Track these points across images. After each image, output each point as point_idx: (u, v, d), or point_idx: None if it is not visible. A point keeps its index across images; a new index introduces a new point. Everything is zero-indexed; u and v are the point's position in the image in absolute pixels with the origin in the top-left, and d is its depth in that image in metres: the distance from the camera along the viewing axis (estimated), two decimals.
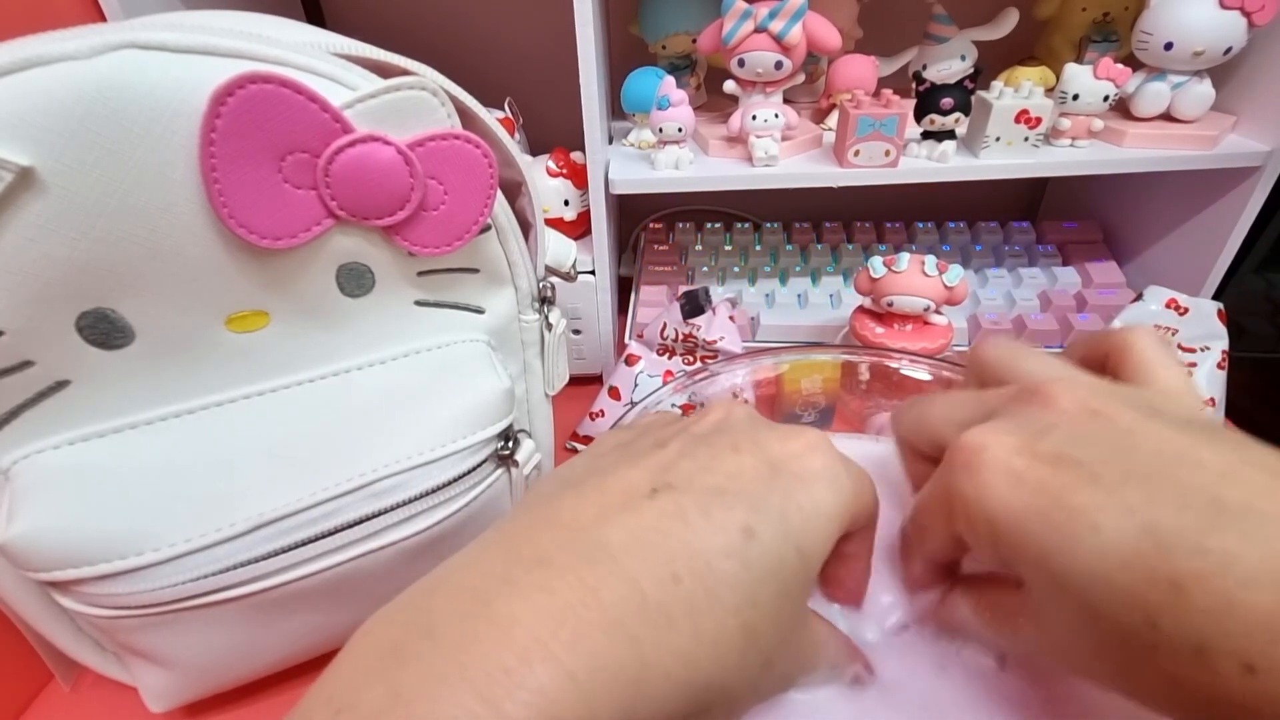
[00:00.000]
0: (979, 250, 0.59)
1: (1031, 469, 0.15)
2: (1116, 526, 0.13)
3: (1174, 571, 0.13)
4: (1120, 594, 0.13)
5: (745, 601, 0.14)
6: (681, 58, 0.54)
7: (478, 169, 0.26)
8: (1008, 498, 0.15)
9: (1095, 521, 0.14)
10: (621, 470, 0.16)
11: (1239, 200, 0.46)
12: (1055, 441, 0.15)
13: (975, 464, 0.16)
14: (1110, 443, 0.15)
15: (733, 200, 0.67)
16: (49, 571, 0.23)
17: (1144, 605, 0.13)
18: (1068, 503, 0.14)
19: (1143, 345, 0.18)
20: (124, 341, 0.24)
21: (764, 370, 0.31)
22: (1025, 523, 0.15)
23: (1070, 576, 0.14)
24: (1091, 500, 0.14)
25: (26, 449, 0.24)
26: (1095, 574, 0.14)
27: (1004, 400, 0.17)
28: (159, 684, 0.29)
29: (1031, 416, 0.16)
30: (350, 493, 0.27)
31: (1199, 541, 0.13)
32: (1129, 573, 0.13)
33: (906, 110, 0.43)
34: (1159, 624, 0.13)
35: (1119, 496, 0.14)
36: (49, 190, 0.20)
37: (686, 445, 0.17)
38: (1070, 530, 0.14)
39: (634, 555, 0.14)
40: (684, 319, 0.46)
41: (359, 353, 0.29)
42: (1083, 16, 0.52)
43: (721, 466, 0.16)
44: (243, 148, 0.22)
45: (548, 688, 0.12)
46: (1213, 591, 0.12)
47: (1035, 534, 0.14)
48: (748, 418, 0.19)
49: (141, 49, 0.20)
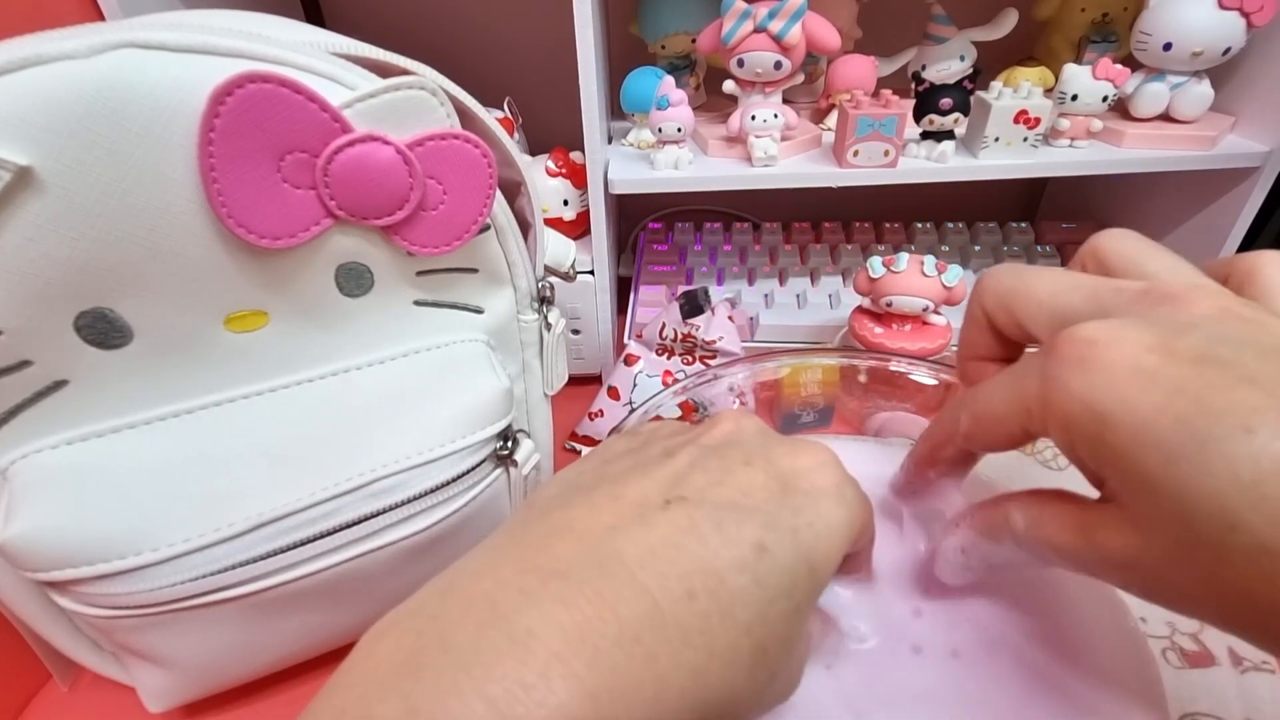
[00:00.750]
0: (978, 250, 0.59)
1: (1168, 367, 0.13)
2: (1275, 429, 0.12)
3: None
4: (1267, 504, 0.12)
5: (757, 619, 0.14)
6: (681, 58, 0.54)
7: (477, 169, 0.26)
8: (1134, 398, 0.13)
9: (1249, 423, 0.12)
10: (633, 479, 0.16)
11: (1238, 200, 0.46)
12: (1198, 339, 0.14)
13: (1093, 359, 0.14)
14: (1264, 345, 0.14)
15: (732, 200, 0.67)
16: (47, 571, 0.23)
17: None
18: (1214, 403, 0.13)
19: (1273, 269, 0.17)
20: (123, 341, 0.24)
21: (764, 373, 0.31)
22: (1152, 425, 0.13)
23: (1202, 485, 0.13)
24: (1246, 400, 0.13)
25: (25, 449, 0.24)
26: (1239, 481, 0.12)
27: (1128, 298, 0.16)
28: (157, 684, 0.29)
29: (1165, 316, 0.15)
30: (349, 492, 0.27)
31: None
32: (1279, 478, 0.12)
33: (906, 110, 0.43)
34: None
35: (1278, 397, 0.12)
36: (48, 190, 0.20)
37: (698, 457, 0.17)
38: (1216, 433, 0.13)
39: (649, 569, 0.14)
40: (683, 319, 0.46)
41: (358, 352, 0.29)
42: (1082, 17, 0.52)
43: (734, 480, 0.16)
44: (242, 147, 0.22)
45: (568, 706, 0.12)
46: None
47: (1164, 437, 0.13)
48: (757, 431, 0.19)
49: (140, 48, 0.20)
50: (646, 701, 0.13)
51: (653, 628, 0.13)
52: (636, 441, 0.19)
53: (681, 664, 0.13)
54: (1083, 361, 0.14)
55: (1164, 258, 0.18)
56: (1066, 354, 0.15)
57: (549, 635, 0.12)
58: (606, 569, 0.14)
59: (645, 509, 0.15)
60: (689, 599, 0.14)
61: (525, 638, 0.12)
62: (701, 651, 0.13)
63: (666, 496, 0.15)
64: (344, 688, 0.13)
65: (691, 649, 0.13)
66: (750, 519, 0.15)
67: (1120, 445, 0.14)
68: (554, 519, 0.15)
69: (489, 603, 0.13)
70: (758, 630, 0.14)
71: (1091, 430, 0.14)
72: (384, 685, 0.12)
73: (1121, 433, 0.14)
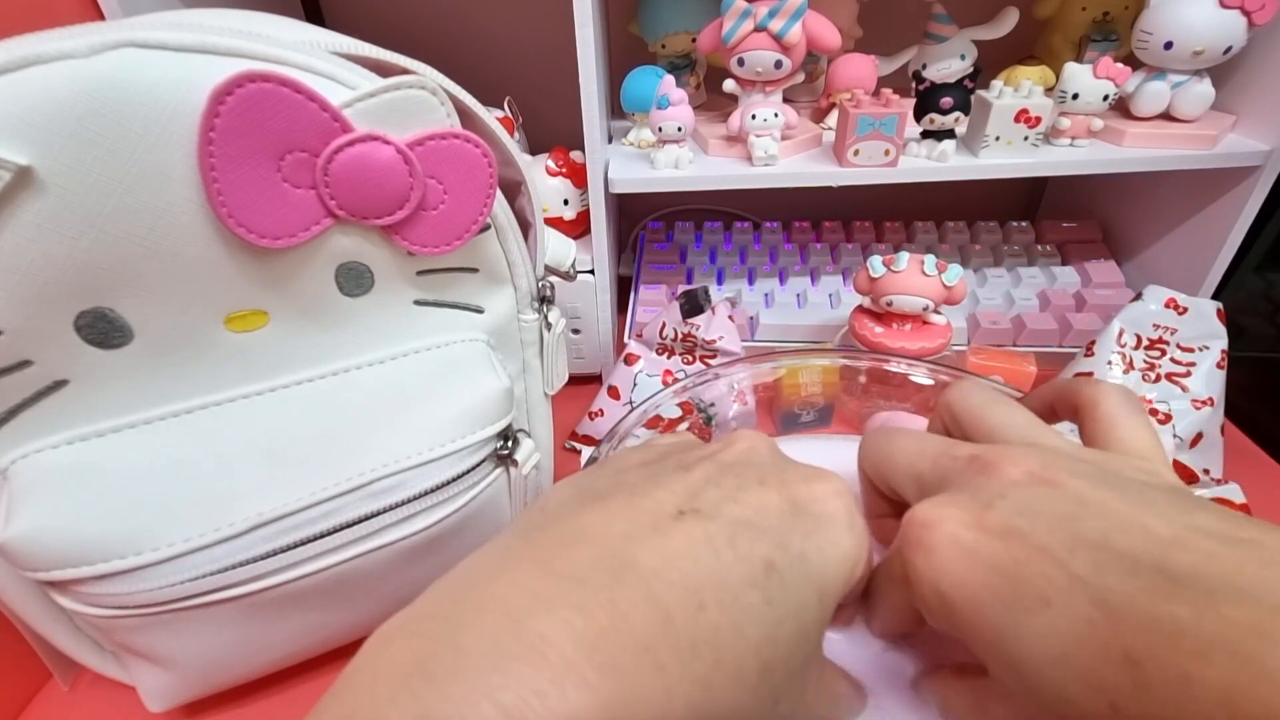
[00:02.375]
0: (978, 250, 0.59)
1: (981, 543, 0.14)
2: (1067, 598, 0.13)
3: (1127, 645, 0.12)
4: (1077, 674, 0.13)
5: (765, 639, 0.14)
6: (681, 57, 0.54)
7: (477, 168, 0.26)
8: (962, 576, 0.15)
9: (1046, 594, 0.13)
10: (648, 489, 0.16)
11: (1238, 200, 0.46)
12: (1003, 512, 0.15)
13: (927, 541, 0.15)
14: (1059, 512, 0.14)
15: (732, 199, 0.67)
16: (47, 571, 0.23)
17: (1102, 686, 0.12)
18: (1017, 575, 0.14)
19: (1110, 404, 0.18)
20: (123, 341, 0.24)
21: (764, 373, 0.31)
22: (979, 600, 0.14)
23: (1027, 657, 0.13)
24: (1041, 571, 0.13)
25: (25, 449, 0.24)
26: (1050, 653, 0.13)
27: (958, 466, 0.17)
28: (158, 684, 0.29)
29: (981, 486, 0.16)
30: (349, 492, 0.27)
31: (1149, 610, 0.12)
32: (1084, 648, 0.13)
33: (906, 109, 0.43)
34: (1120, 707, 0.12)
35: (1067, 567, 0.13)
36: (48, 189, 0.20)
37: (713, 472, 0.17)
38: (1022, 606, 0.13)
39: (663, 579, 0.14)
40: (683, 318, 0.46)
41: (358, 352, 0.29)
42: (1082, 16, 0.52)
43: (748, 499, 0.16)
44: (242, 147, 0.22)
45: (580, 715, 0.12)
46: (1167, 666, 0.12)
47: (988, 612, 0.14)
48: (772, 453, 0.19)
49: (140, 48, 0.20)
50: (654, 712, 0.12)
51: (663, 638, 0.13)
52: (651, 454, 0.19)
53: (689, 676, 0.13)
54: (920, 544, 0.15)
55: (1002, 412, 0.19)
56: (909, 538, 0.16)
57: (563, 642, 0.12)
58: (622, 577, 0.14)
59: (660, 519, 0.15)
60: (700, 611, 0.14)
61: (540, 644, 0.12)
62: (710, 664, 0.13)
63: (681, 508, 0.15)
64: (354, 689, 0.13)
65: (700, 661, 0.13)
66: (762, 538, 0.15)
67: (962, 621, 0.15)
68: (569, 524, 0.15)
69: (503, 606, 0.13)
70: (765, 650, 0.14)
71: (940, 608, 0.15)
72: (395, 688, 0.12)
73: (959, 609, 0.15)
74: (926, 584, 0.15)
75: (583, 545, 0.14)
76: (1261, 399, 0.58)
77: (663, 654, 0.13)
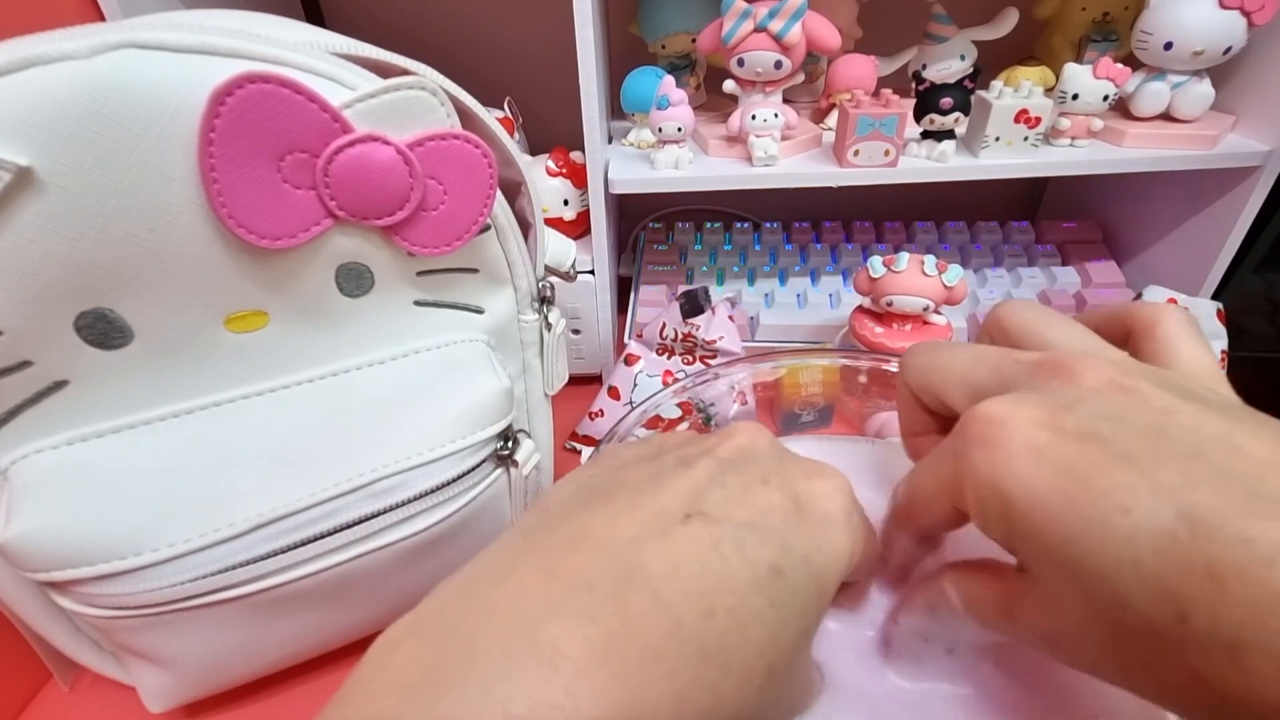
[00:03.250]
0: (978, 250, 0.59)
1: (1056, 445, 0.14)
2: (1150, 509, 0.12)
3: (1211, 560, 0.12)
4: (1149, 583, 0.12)
5: (770, 642, 0.14)
6: (681, 57, 0.54)
7: (477, 169, 0.26)
8: (1029, 476, 0.14)
9: (1126, 503, 0.13)
10: (651, 489, 0.16)
11: (1238, 200, 0.46)
12: (1083, 417, 0.14)
13: (993, 438, 0.15)
14: (1143, 421, 0.14)
15: (732, 200, 0.67)
16: (47, 572, 0.23)
17: (1175, 596, 0.12)
18: (1096, 483, 0.13)
19: (1170, 324, 0.17)
20: (123, 341, 0.24)
21: (764, 373, 0.31)
22: (1046, 504, 0.14)
23: (1093, 562, 0.13)
24: (1122, 480, 0.13)
25: (25, 449, 0.24)
26: (1122, 560, 0.13)
27: (1025, 370, 0.16)
28: (158, 684, 0.29)
29: (1056, 390, 0.15)
30: (349, 493, 0.27)
31: (1240, 529, 0.12)
32: (1160, 559, 0.12)
33: (906, 110, 0.43)
34: (1190, 617, 0.12)
35: (1152, 477, 0.13)
36: (48, 190, 0.20)
37: (715, 471, 0.17)
38: (1097, 512, 0.13)
39: (673, 584, 0.14)
40: (683, 319, 0.46)
41: (358, 353, 0.29)
42: (1082, 16, 0.52)
43: (753, 500, 0.16)
44: (242, 147, 0.22)
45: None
46: (1253, 583, 0.11)
47: (1057, 516, 0.13)
48: (771, 447, 0.19)
49: (140, 48, 0.20)
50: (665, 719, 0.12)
51: (674, 645, 0.13)
52: (648, 449, 0.19)
53: (699, 682, 0.13)
54: (984, 440, 0.15)
55: (1061, 326, 0.18)
56: (970, 433, 0.15)
57: (575, 651, 0.12)
58: (630, 582, 0.14)
59: (666, 522, 0.15)
60: (708, 617, 0.13)
61: (551, 653, 0.12)
62: (718, 670, 0.13)
63: (687, 510, 0.15)
64: (361, 696, 0.12)
65: (709, 667, 0.13)
66: (767, 540, 0.15)
67: (1022, 522, 0.14)
68: (573, 525, 0.15)
69: (512, 612, 0.13)
70: (770, 653, 0.14)
71: (998, 507, 0.15)
72: (404, 697, 0.12)
73: (1022, 510, 0.14)
74: (985, 481, 0.15)
75: (588, 548, 0.14)
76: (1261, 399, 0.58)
77: (673, 661, 0.13)
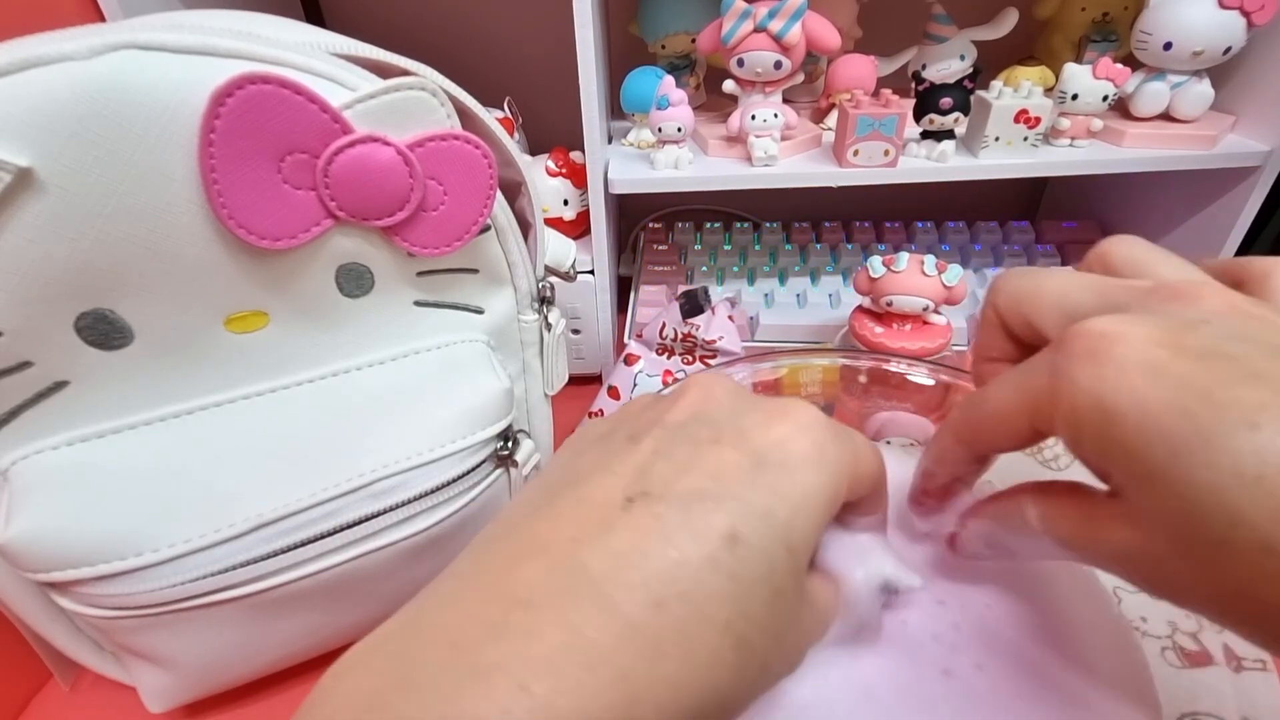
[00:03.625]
0: (978, 250, 0.59)
1: (1176, 362, 0.13)
2: None
3: None
4: (1269, 498, 0.12)
5: (736, 614, 0.14)
6: (681, 57, 0.54)
7: (477, 169, 0.26)
8: (1142, 392, 0.13)
9: (1255, 419, 0.12)
10: (597, 476, 0.16)
11: (1238, 200, 0.46)
12: (1207, 335, 0.14)
13: (1102, 352, 0.14)
14: (1272, 343, 0.14)
15: (732, 200, 0.67)
16: (47, 572, 0.23)
17: None
18: (1220, 398, 0.13)
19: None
20: (123, 342, 0.24)
21: (763, 373, 0.31)
22: (1159, 420, 0.13)
23: (1205, 479, 0.13)
24: (1251, 397, 0.13)
25: (25, 449, 0.24)
26: (1244, 477, 0.12)
27: (1137, 295, 0.16)
28: (158, 684, 0.29)
29: (1175, 312, 0.15)
30: (349, 493, 0.27)
31: None
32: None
33: (906, 110, 0.43)
34: None
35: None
36: (48, 191, 0.20)
37: (663, 441, 0.16)
38: (1221, 427, 0.13)
39: (616, 581, 0.13)
40: (683, 319, 0.46)
41: (358, 353, 0.29)
42: (1082, 16, 0.52)
43: (702, 465, 0.15)
44: (242, 148, 0.22)
45: None
46: None
47: (1169, 431, 0.13)
48: (729, 396, 0.18)
49: (141, 49, 0.20)
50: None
51: (623, 646, 0.13)
52: (605, 427, 0.19)
53: (656, 678, 0.13)
54: (1092, 354, 0.14)
55: (1172, 261, 0.18)
56: (1076, 347, 0.15)
57: (516, 669, 0.12)
58: (573, 588, 0.13)
59: (607, 511, 0.14)
60: (658, 609, 0.13)
61: (490, 672, 0.12)
62: (677, 662, 0.13)
63: (629, 494, 0.15)
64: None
65: (666, 660, 0.13)
66: (720, 507, 0.14)
67: (1126, 439, 0.14)
68: (519, 535, 0.15)
69: (451, 637, 0.13)
70: (738, 625, 0.14)
71: (1098, 424, 0.14)
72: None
73: (1127, 426, 0.14)
74: (1086, 396, 0.14)
75: (533, 558, 0.14)
76: None
77: (623, 663, 0.12)
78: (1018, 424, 0.16)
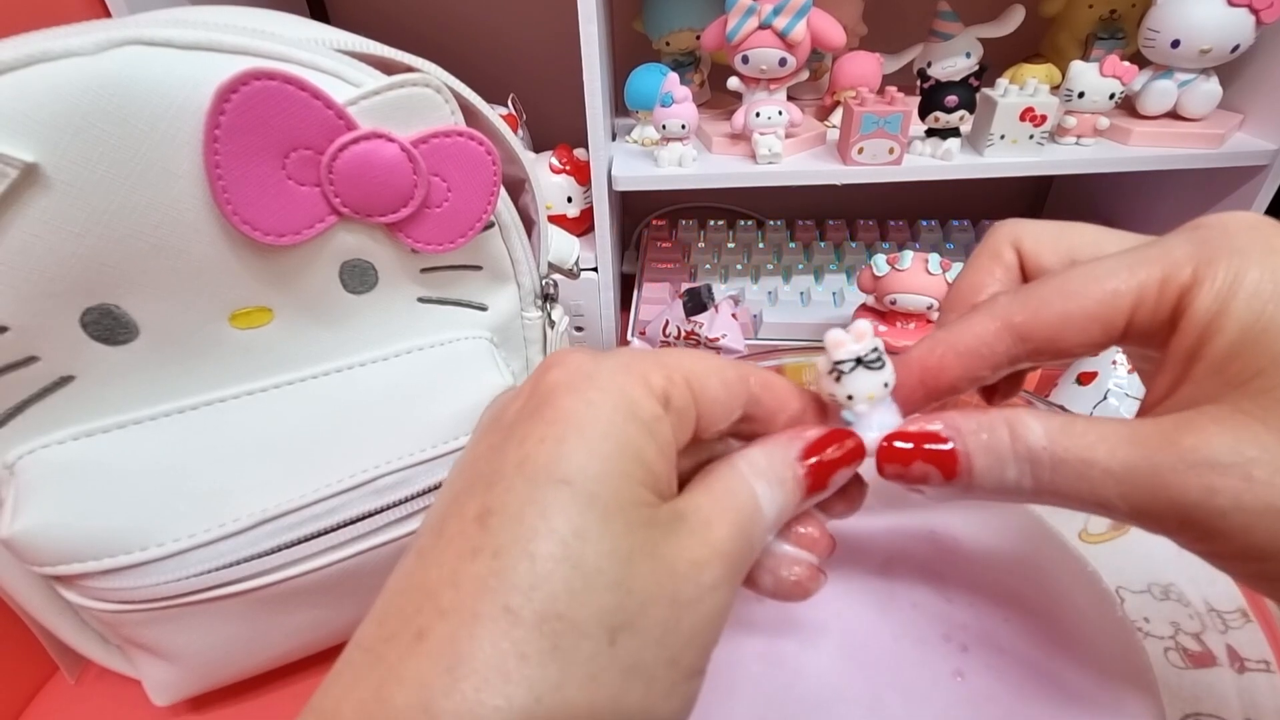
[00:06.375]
0: None
1: None
2: None
3: None
4: None
5: (623, 626, 0.12)
6: (685, 54, 0.53)
7: (481, 166, 0.26)
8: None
9: None
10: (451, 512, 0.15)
11: (1245, 199, 0.46)
12: None
13: (1261, 225, 0.14)
14: None
15: (736, 197, 0.67)
16: (53, 566, 0.24)
17: None
18: None
19: None
20: (128, 337, 0.24)
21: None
22: None
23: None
24: None
25: (31, 444, 0.24)
26: None
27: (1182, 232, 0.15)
28: (163, 678, 0.29)
29: None
30: (353, 489, 0.27)
31: None
32: None
33: (911, 108, 0.43)
34: None
35: None
36: (54, 187, 0.20)
37: None
38: None
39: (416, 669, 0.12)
40: (686, 316, 0.46)
41: (362, 349, 0.29)
42: (1089, 14, 0.51)
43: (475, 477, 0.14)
44: (247, 144, 0.22)
45: None
46: None
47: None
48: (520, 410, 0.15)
49: (146, 45, 0.20)
50: None
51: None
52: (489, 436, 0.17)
53: None
54: (1253, 227, 0.14)
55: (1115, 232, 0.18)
56: (1241, 221, 0.14)
57: None
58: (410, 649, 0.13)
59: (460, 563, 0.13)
60: (453, 680, 0.12)
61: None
62: (568, 688, 0.12)
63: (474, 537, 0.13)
64: None
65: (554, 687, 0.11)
66: (473, 496, 0.14)
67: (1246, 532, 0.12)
68: (399, 587, 0.14)
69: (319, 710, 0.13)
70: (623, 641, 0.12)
71: (1266, 297, 0.13)
72: None
73: None
74: (1261, 269, 0.13)
75: (392, 641, 0.14)
76: None
77: None
78: (1112, 313, 0.15)
